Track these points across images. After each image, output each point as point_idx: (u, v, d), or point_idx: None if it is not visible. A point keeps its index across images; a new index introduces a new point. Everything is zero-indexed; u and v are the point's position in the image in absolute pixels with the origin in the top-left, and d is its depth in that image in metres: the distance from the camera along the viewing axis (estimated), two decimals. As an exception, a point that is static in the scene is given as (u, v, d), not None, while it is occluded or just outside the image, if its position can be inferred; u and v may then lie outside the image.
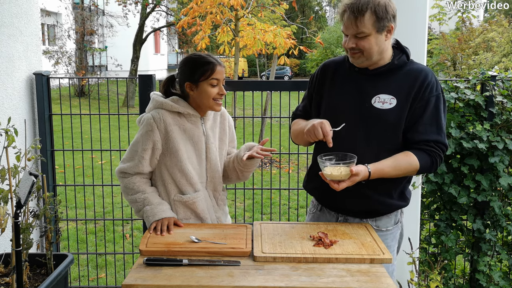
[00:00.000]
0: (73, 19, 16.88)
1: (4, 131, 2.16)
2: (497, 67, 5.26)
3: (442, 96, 1.97)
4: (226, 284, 1.51)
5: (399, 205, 2.05)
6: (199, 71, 2.04)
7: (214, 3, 7.41)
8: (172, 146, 2.05)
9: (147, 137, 2.04)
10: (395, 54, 1.99)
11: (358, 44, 1.89)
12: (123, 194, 2.14)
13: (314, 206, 2.21)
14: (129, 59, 16.62)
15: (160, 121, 2.04)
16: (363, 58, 1.93)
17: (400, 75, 1.97)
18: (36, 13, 3.22)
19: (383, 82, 1.97)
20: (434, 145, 1.93)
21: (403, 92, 1.93)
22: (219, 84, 2.07)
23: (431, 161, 1.94)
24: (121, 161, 2.14)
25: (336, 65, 2.11)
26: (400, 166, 1.91)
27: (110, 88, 14.55)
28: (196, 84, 2.06)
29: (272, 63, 9.86)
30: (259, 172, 7.07)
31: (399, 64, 1.98)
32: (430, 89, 1.94)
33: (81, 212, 5.39)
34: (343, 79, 2.05)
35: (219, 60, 2.10)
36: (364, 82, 1.99)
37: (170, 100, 2.09)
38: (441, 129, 1.95)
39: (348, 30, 1.90)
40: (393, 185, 2.01)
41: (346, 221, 2.06)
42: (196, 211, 2.11)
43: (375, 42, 1.90)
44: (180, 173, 2.07)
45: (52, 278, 2.29)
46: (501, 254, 3.08)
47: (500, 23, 9.64)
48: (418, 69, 1.98)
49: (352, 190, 1.94)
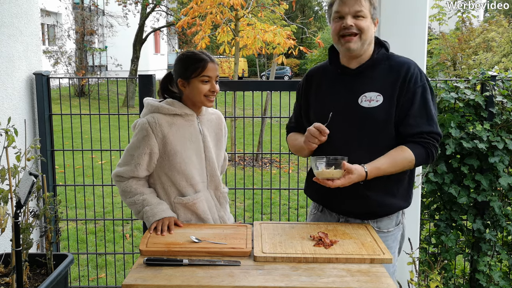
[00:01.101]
0: (73, 19, 16.88)
1: (4, 131, 2.15)
2: (497, 67, 5.26)
3: (428, 86, 1.96)
4: (226, 284, 1.51)
5: (399, 206, 2.03)
6: (191, 68, 2.05)
7: (214, 3, 7.41)
8: (170, 149, 2.05)
9: (144, 142, 2.03)
10: (375, 49, 2.00)
11: (356, 24, 1.90)
12: (121, 197, 2.14)
13: (315, 207, 2.21)
14: (129, 59, 16.62)
15: (155, 125, 2.03)
16: (359, 42, 1.92)
17: (383, 70, 1.97)
18: (36, 13, 3.22)
19: (367, 80, 1.96)
20: (427, 136, 1.92)
21: (388, 87, 1.92)
22: (211, 81, 2.07)
23: (426, 152, 1.92)
24: (117, 165, 2.13)
25: (319, 71, 2.12)
26: (396, 162, 1.90)
27: (110, 88, 14.55)
28: (188, 80, 2.07)
29: (272, 63, 9.86)
30: (259, 172, 7.07)
31: (380, 58, 1.98)
32: (414, 80, 1.93)
33: (81, 212, 5.39)
34: (328, 83, 2.05)
35: (212, 57, 2.10)
36: (348, 82, 1.98)
37: (166, 103, 2.10)
38: (432, 119, 1.94)
39: (347, 8, 1.90)
40: (396, 185, 2.00)
41: (347, 222, 2.06)
42: (197, 212, 2.10)
43: (370, 27, 1.92)
44: (179, 175, 2.07)
45: (52, 278, 2.29)
46: (501, 254, 3.08)
47: (500, 23, 9.64)
48: (400, 62, 1.98)
49: (352, 191, 1.94)
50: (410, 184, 2.08)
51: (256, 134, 8.19)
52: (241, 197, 5.92)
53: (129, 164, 2.07)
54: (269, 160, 8.04)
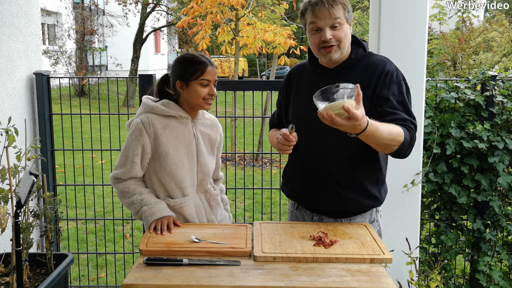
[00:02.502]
0: (73, 19, 16.88)
1: (4, 130, 2.16)
2: (497, 67, 5.26)
3: (404, 83, 1.96)
4: (226, 283, 1.51)
5: (372, 204, 2.05)
6: (190, 71, 2.04)
7: (214, 2, 7.41)
8: (162, 150, 2.05)
9: (137, 141, 2.04)
10: (352, 49, 2.00)
11: (334, 35, 1.90)
12: (120, 199, 2.13)
13: (292, 205, 2.23)
14: (129, 59, 16.61)
15: (149, 125, 2.03)
16: (339, 51, 1.93)
17: (360, 69, 1.97)
18: (36, 13, 3.22)
19: (344, 79, 1.94)
20: (408, 122, 1.88)
21: (365, 86, 1.91)
22: (210, 84, 2.07)
23: (410, 136, 1.87)
24: (114, 168, 2.13)
25: (300, 70, 2.13)
26: (392, 131, 1.81)
27: (110, 87, 14.56)
28: (187, 83, 2.06)
29: (272, 63, 9.86)
30: (259, 172, 7.07)
31: (357, 58, 1.99)
32: (390, 77, 1.93)
33: (81, 212, 5.39)
34: (307, 82, 2.06)
35: (211, 60, 2.10)
36: (325, 81, 1.97)
37: (161, 104, 2.09)
38: (409, 112, 1.91)
39: (323, 21, 1.89)
40: (368, 184, 2.01)
41: (321, 220, 2.07)
42: (184, 215, 2.11)
43: (347, 32, 1.93)
44: (169, 177, 2.07)
45: (52, 277, 2.29)
46: (501, 254, 3.08)
47: (500, 23, 9.63)
48: (376, 61, 1.98)
49: (325, 190, 1.98)
50: (383, 183, 2.09)
51: (256, 134, 8.19)
52: (241, 197, 5.92)
53: (125, 165, 2.07)
54: (269, 160, 8.04)
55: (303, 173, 2.06)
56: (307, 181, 2.05)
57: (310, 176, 2.03)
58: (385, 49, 2.67)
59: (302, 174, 2.07)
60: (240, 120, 9.50)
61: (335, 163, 1.96)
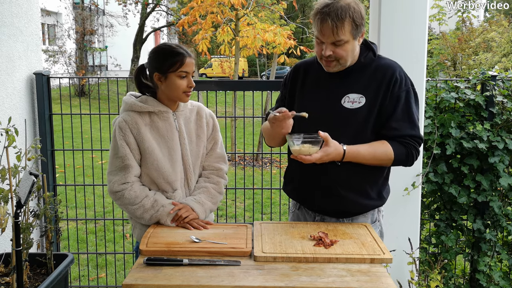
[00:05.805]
0: (73, 19, 16.88)
1: (4, 130, 2.15)
2: (497, 67, 5.26)
3: (412, 90, 1.97)
4: (226, 284, 1.51)
5: (374, 205, 2.05)
6: (168, 63, 2.00)
7: (214, 2, 7.41)
8: (147, 146, 2.02)
9: (122, 141, 2.01)
10: (362, 52, 1.98)
11: (335, 52, 1.88)
12: (125, 209, 2.06)
13: (294, 205, 2.23)
14: (129, 59, 16.63)
15: (132, 123, 2.02)
16: (339, 65, 1.93)
17: (368, 72, 1.96)
18: (36, 13, 3.22)
19: (351, 81, 1.96)
20: (409, 139, 1.93)
21: (372, 89, 1.93)
22: (188, 76, 2.03)
23: (406, 152, 1.93)
24: (108, 174, 2.06)
25: (307, 66, 2.11)
26: (376, 153, 1.90)
27: (110, 87, 14.50)
28: (165, 75, 2.02)
29: (272, 63, 9.86)
30: (259, 172, 7.07)
31: (367, 62, 1.98)
32: (399, 85, 1.93)
33: (81, 212, 5.39)
34: (313, 80, 2.05)
35: (189, 51, 2.05)
36: (333, 82, 1.98)
37: (139, 100, 2.07)
38: (414, 123, 1.94)
39: (326, 38, 1.87)
40: (370, 185, 2.02)
41: (323, 220, 2.07)
42: None
43: (351, 48, 1.89)
44: (156, 172, 2.04)
45: (52, 277, 2.29)
46: (501, 254, 3.08)
47: (500, 23, 9.64)
48: (385, 65, 1.97)
49: (327, 190, 1.97)
50: (385, 184, 2.09)
51: (256, 134, 8.19)
52: (241, 197, 5.92)
53: (122, 167, 2.02)
54: (269, 160, 8.04)
55: (304, 173, 2.06)
56: (308, 182, 2.05)
57: (311, 176, 2.03)
58: (385, 49, 2.66)
59: (303, 175, 2.07)
60: (240, 120, 9.49)
61: (336, 164, 1.95)
